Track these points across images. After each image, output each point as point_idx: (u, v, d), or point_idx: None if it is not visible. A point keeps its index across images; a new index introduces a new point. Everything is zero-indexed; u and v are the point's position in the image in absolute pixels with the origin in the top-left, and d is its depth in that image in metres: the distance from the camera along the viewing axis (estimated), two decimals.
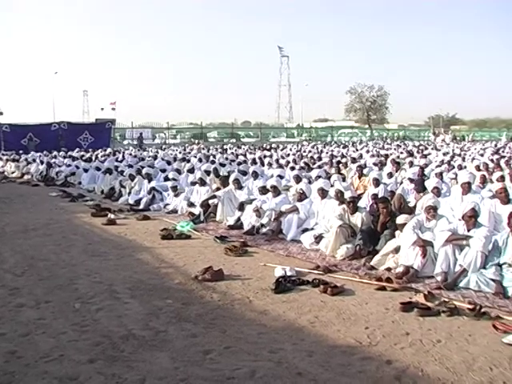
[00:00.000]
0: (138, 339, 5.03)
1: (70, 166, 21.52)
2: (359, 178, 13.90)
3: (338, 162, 19.22)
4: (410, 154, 26.14)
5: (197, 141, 49.16)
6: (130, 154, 27.70)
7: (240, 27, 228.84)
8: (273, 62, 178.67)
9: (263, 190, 11.11)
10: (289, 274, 7.13)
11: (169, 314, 5.74)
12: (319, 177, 12.15)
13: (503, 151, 30.71)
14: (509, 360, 4.62)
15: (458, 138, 59.12)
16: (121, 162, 21.23)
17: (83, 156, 25.22)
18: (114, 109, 72.94)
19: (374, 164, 17.70)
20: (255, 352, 4.75)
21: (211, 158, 21.94)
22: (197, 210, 11.83)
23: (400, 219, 7.96)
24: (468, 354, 4.75)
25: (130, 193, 15.02)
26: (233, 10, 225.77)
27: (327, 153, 27.57)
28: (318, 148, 34.89)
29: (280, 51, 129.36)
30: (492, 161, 18.89)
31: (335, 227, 8.51)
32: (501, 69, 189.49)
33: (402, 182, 12.95)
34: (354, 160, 19.82)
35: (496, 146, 39.03)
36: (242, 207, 10.90)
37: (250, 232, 10.06)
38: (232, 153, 27.92)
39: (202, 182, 12.84)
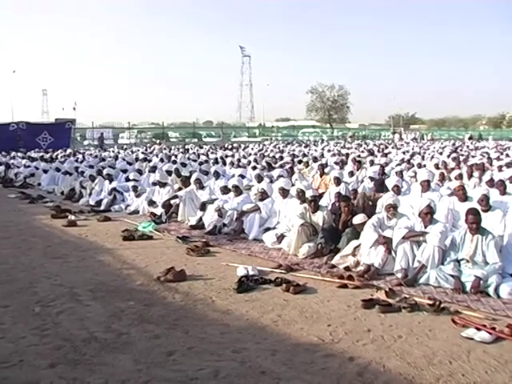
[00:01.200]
0: (100, 342, 4.98)
1: (29, 166, 21.20)
2: (321, 176, 14.00)
3: (300, 162, 19.34)
4: (371, 152, 26.40)
5: (158, 141, 48.83)
6: (91, 155, 27.38)
7: (202, 26, 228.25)
8: (234, 61, 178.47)
9: (225, 190, 11.11)
10: (251, 273, 7.15)
11: (131, 315, 5.69)
12: (280, 176, 12.18)
13: (461, 150, 31.30)
14: (467, 353, 4.73)
15: (421, 137, 59.98)
16: (81, 162, 20.95)
17: (43, 156, 24.80)
18: (74, 108, 72.00)
19: (336, 163, 17.81)
20: (218, 352, 4.75)
21: (173, 157, 21.82)
22: (158, 211, 11.76)
23: (356, 219, 8.06)
24: (428, 348, 4.85)
25: (90, 194, 14.86)
26: (194, 9, 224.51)
27: (289, 152, 27.69)
28: (279, 147, 35.02)
29: (242, 51, 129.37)
30: (453, 159, 19.18)
31: (297, 226, 8.56)
32: (458, 69, 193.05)
33: (362, 181, 13.08)
34: (315, 159, 19.93)
35: (454, 144, 39.75)
36: (203, 207, 10.87)
37: (211, 232, 10.04)
38: (194, 153, 27.81)
39: (161, 184, 12.74)
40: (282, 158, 21.98)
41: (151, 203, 12.24)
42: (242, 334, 5.20)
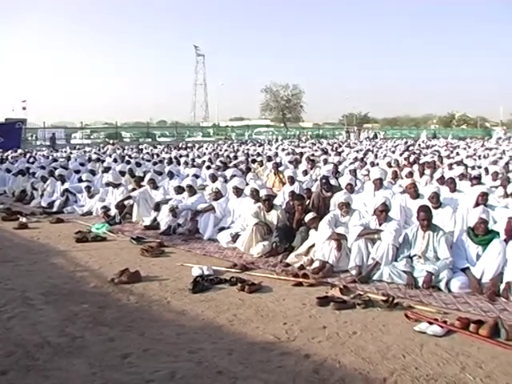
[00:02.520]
0: (54, 346, 4.89)
1: None
2: (275, 175, 14.06)
3: (254, 161, 19.39)
4: (325, 151, 26.62)
5: (112, 141, 48.18)
6: (43, 155, 26.86)
7: (155, 25, 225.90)
8: (188, 60, 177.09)
9: (179, 190, 11.07)
10: (206, 273, 7.14)
11: (85, 318, 5.61)
12: (234, 175, 12.19)
13: (413, 148, 31.88)
14: (420, 347, 4.84)
15: (374, 136, 60.72)
16: (32, 163, 20.50)
17: None
18: (24, 108, 70.27)
19: (290, 162, 17.93)
20: (174, 353, 4.73)
21: (126, 158, 21.60)
22: (112, 212, 11.63)
23: (307, 217, 8.14)
24: (382, 343, 4.93)
25: (42, 195, 14.57)
26: (147, 8, 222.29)
27: (243, 151, 27.72)
28: (233, 147, 35.02)
29: (196, 50, 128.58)
30: (406, 158, 19.48)
31: (251, 225, 8.60)
32: (410, 69, 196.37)
33: (316, 180, 13.18)
34: (269, 158, 20.00)
35: (406, 143, 40.42)
36: (157, 207, 10.80)
37: (166, 232, 9.99)
38: (148, 153, 27.57)
39: (114, 185, 12.59)
40: (236, 157, 22.01)
41: (105, 210, 12.04)
42: (198, 334, 5.19)
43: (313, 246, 7.72)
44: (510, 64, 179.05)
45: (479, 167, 15.85)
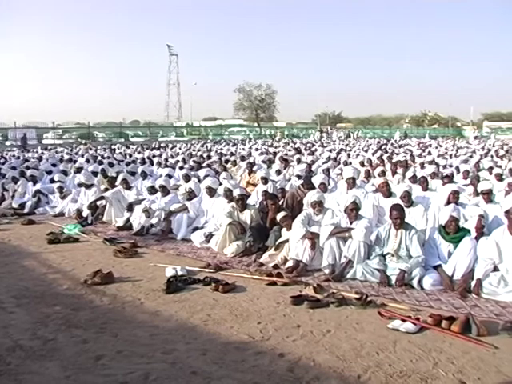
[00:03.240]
0: (26, 350, 4.82)
1: None
2: (249, 175, 14.07)
3: (227, 161, 19.39)
4: (298, 151, 26.71)
5: (84, 141, 47.72)
6: (13, 156, 26.50)
7: (128, 24, 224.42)
8: (162, 60, 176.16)
9: (152, 190, 11.01)
10: (180, 273, 7.12)
11: (57, 321, 5.54)
12: (207, 175, 12.17)
13: (386, 147, 32.16)
14: (393, 344, 4.89)
15: (347, 135, 61.01)
16: (3, 163, 20.26)
17: None
18: None
19: (263, 161, 17.96)
20: (148, 354, 4.70)
21: (99, 158, 21.43)
22: (84, 212, 11.52)
23: (278, 216, 8.16)
24: (356, 341, 4.97)
25: (13, 196, 14.34)
26: (121, 6, 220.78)
27: (216, 151, 27.69)
28: (207, 147, 34.97)
29: (169, 49, 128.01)
30: (379, 157, 19.62)
31: (225, 225, 8.59)
32: (382, 69, 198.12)
33: (290, 179, 13.23)
34: (243, 158, 20.01)
35: (379, 142, 40.76)
36: (130, 208, 10.74)
37: (139, 233, 9.95)
38: (120, 153, 27.41)
39: (86, 186, 12.46)
40: (209, 157, 21.97)
41: (78, 213, 11.89)
42: (172, 334, 5.16)
43: (283, 242, 7.76)
44: (481, 65, 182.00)
45: (450, 166, 16.05)
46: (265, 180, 11.52)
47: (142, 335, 5.14)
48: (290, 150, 27.80)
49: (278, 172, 14.39)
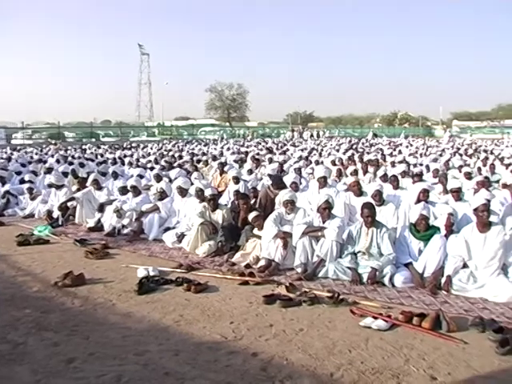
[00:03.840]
0: None
1: None
2: (220, 175, 14.05)
3: (199, 161, 19.34)
4: (270, 150, 26.76)
5: (54, 141, 47.09)
6: None
7: (99, 23, 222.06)
8: (133, 59, 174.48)
9: (123, 191, 10.94)
10: (152, 274, 7.08)
11: (28, 324, 5.47)
12: (179, 175, 12.13)
13: (357, 146, 32.39)
14: (365, 341, 4.94)
15: (317, 135, 61.22)
16: None
17: None
18: None
19: (235, 161, 17.95)
20: (121, 356, 4.67)
21: (69, 158, 21.20)
22: (55, 213, 11.40)
23: (250, 215, 8.18)
24: (329, 339, 5.00)
25: None
26: (91, 4, 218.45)
27: (188, 151, 27.60)
28: (179, 146, 34.83)
29: (140, 49, 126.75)
30: (350, 156, 19.74)
31: (196, 225, 8.58)
32: (354, 68, 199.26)
33: (261, 179, 13.24)
34: (214, 158, 19.97)
35: (350, 141, 41.03)
36: (101, 208, 10.66)
37: (110, 233, 9.87)
38: (91, 153, 27.13)
39: (57, 186, 12.32)
40: (181, 157, 21.88)
41: (49, 214, 11.74)
42: (144, 336, 5.14)
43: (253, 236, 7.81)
44: (450, 65, 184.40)
45: (421, 165, 16.22)
46: (236, 179, 11.54)
47: (114, 337, 5.10)
48: (261, 150, 27.82)
49: (250, 171, 14.40)
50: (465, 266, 6.57)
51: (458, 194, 8.84)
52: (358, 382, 4.14)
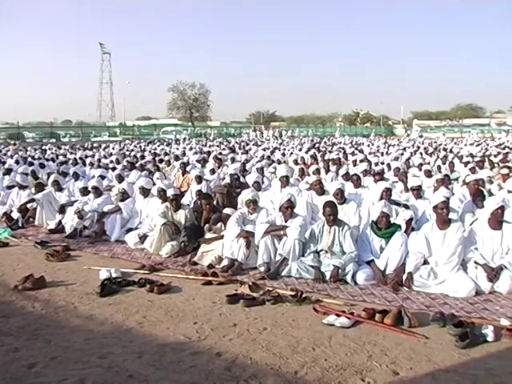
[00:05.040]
0: None
1: None
2: (183, 175, 14.00)
3: (161, 161, 19.24)
4: (232, 150, 26.78)
5: (13, 141, 46.26)
6: None
7: (59, 21, 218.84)
8: (94, 58, 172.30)
9: (84, 191, 10.80)
10: (114, 275, 7.02)
11: None
12: (141, 176, 12.05)
13: (319, 146, 32.63)
14: (329, 339, 4.98)
15: (280, 134, 61.42)
16: None
17: None
18: None
19: (197, 161, 17.93)
20: (83, 359, 4.61)
21: (29, 159, 20.85)
22: (14, 215, 11.19)
23: (226, 210, 8.18)
24: (292, 337, 5.03)
25: None
26: (51, 2, 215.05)
27: (150, 151, 27.43)
28: (141, 146, 34.58)
29: (101, 48, 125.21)
30: (312, 155, 19.85)
31: (159, 225, 8.53)
32: (316, 69, 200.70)
33: (224, 178, 13.24)
34: (177, 157, 19.89)
35: (313, 141, 41.32)
36: (62, 210, 10.50)
37: (72, 235, 9.72)
38: (52, 153, 26.74)
39: (21, 187, 12.08)
40: (143, 157, 21.75)
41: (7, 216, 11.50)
42: (107, 338, 5.09)
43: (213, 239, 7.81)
44: (410, 65, 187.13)
45: (382, 163, 16.44)
46: (199, 179, 11.51)
47: (76, 340, 5.03)
48: (224, 149, 27.84)
49: (212, 171, 14.38)
50: (425, 262, 6.69)
51: (418, 191, 8.99)
52: (321, 379, 4.17)
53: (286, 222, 7.52)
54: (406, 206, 8.27)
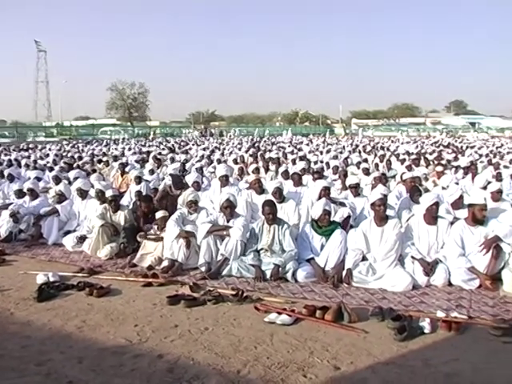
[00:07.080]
0: None
1: None
2: (121, 175, 13.84)
3: (99, 161, 18.94)
4: (172, 150, 26.62)
5: None
6: None
7: None
8: (29, 56, 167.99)
9: (20, 194, 10.51)
10: (52, 279, 6.86)
11: None
12: (77, 177, 11.83)
13: (259, 145, 32.80)
14: (270, 337, 5.01)
15: (221, 134, 61.42)
16: None
17: None
18: None
19: (136, 161, 17.73)
20: (20, 367, 4.48)
21: None
22: None
23: (159, 214, 8.12)
24: (234, 336, 5.04)
25: None
26: None
27: (88, 152, 26.96)
28: (78, 147, 33.94)
29: (37, 45, 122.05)
30: (252, 155, 19.93)
31: (97, 227, 8.41)
32: (255, 68, 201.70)
33: (163, 178, 13.14)
34: (115, 158, 19.63)
35: (252, 140, 41.48)
36: None
37: (7, 239, 9.43)
38: None
39: None
40: (81, 157, 21.34)
41: None
42: (46, 344, 4.96)
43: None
44: (348, 65, 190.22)
45: (321, 162, 16.65)
46: (138, 180, 11.38)
47: (12, 347, 4.89)
48: (163, 149, 27.63)
49: (152, 171, 14.25)
50: (364, 258, 6.83)
51: (356, 189, 9.14)
52: (264, 377, 4.19)
53: (228, 221, 7.53)
54: (343, 204, 8.37)
